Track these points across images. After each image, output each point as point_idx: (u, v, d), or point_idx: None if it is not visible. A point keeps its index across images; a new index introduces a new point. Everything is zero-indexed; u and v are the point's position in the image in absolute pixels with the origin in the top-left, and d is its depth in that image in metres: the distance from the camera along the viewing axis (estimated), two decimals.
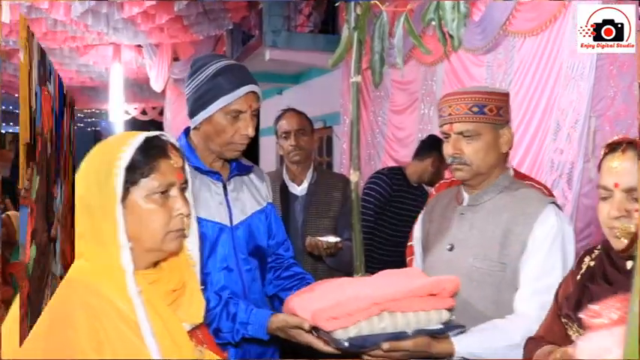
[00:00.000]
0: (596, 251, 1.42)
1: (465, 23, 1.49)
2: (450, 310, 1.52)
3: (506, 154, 1.76)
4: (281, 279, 1.95)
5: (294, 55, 7.51)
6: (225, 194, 1.82)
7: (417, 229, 1.97)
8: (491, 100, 1.66)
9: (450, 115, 1.67)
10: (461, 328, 1.51)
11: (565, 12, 3.41)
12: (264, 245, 1.90)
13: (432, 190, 2.90)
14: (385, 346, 1.43)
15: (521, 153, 3.79)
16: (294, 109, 2.94)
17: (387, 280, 1.59)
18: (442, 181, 2.80)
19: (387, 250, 3.21)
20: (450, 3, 1.47)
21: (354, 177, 1.77)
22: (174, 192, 1.16)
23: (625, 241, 1.20)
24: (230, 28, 8.79)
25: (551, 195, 2.50)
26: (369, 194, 3.23)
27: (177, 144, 1.22)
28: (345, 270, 2.33)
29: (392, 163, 5.40)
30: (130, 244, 1.10)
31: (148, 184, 1.12)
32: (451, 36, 1.49)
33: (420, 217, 1.97)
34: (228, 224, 1.79)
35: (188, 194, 1.22)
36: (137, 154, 1.12)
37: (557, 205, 1.71)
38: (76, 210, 1.12)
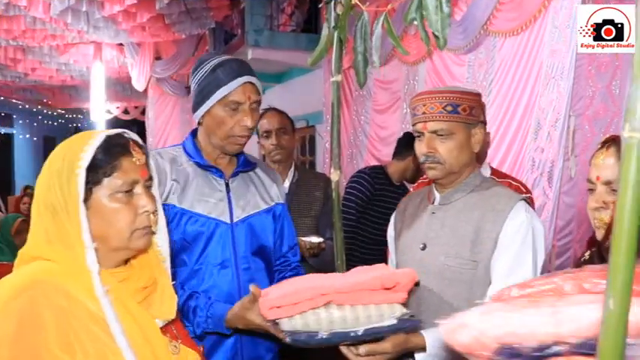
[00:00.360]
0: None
1: (449, 23, 1.49)
2: (404, 304, 1.48)
3: (484, 154, 1.77)
4: (285, 279, 1.93)
5: (276, 54, 7.50)
6: (228, 191, 1.80)
7: (390, 229, 1.98)
8: (464, 99, 1.68)
9: (424, 113, 1.68)
10: (416, 322, 1.48)
11: (545, 12, 3.44)
12: (269, 245, 1.87)
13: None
14: (362, 350, 1.42)
15: (503, 152, 3.81)
16: (274, 109, 2.92)
17: (351, 274, 1.55)
18: (420, 180, 2.79)
19: (369, 249, 3.21)
20: (433, 3, 1.47)
21: (334, 176, 1.75)
22: (138, 189, 1.15)
23: (603, 232, 1.26)
24: (212, 27, 8.74)
25: (529, 192, 2.51)
26: (350, 193, 3.22)
27: (139, 141, 1.21)
28: (327, 269, 2.32)
29: (375, 162, 5.40)
30: (96, 244, 1.09)
31: (111, 183, 1.12)
32: (436, 36, 1.49)
33: (392, 216, 1.98)
34: (228, 221, 1.77)
35: (154, 190, 1.22)
36: (98, 153, 1.11)
37: (528, 202, 1.73)
38: (37, 210, 1.12)
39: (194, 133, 1.87)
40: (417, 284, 1.71)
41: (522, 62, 3.69)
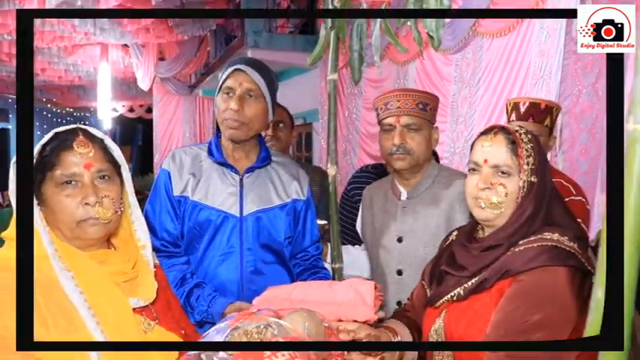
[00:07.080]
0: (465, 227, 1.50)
1: (443, 24, 1.49)
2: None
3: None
4: (303, 271, 1.91)
5: (274, 54, 7.43)
6: (241, 186, 1.80)
7: (358, 225, 2.03)
8: (432, 100, 1.80)
9: (398, 108, 1.77)
10: None
11: None
12: (279, 240, 1.83)
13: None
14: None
15: None
16: None
17: (320, 290, 1.48)
18: None
19: None
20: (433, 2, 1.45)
21: (331, 170, 1.77)
22: (84, 181, 1.13)
23: (488, 211, 1.30)
24: (213, 29, 8.69)
25: (580, 195, 2.44)
26: (359, 188, 3.03)
27: (94, 134, 1.18)
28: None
29: (367, 158, 5.42)
30: (49, 230, 1.11)
31: (53, 176, 1.12)
32: (431, 37, 1.48)
33: (360, 213, 2.02)
34: (237, 214, 1.77)
35: (110, 181, 1.18)
36: (44, 150, 1.13)
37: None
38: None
39: (220, 132, 1.87)
40: (399, 273, 1.81)
41: (509, 62, 3.65)
